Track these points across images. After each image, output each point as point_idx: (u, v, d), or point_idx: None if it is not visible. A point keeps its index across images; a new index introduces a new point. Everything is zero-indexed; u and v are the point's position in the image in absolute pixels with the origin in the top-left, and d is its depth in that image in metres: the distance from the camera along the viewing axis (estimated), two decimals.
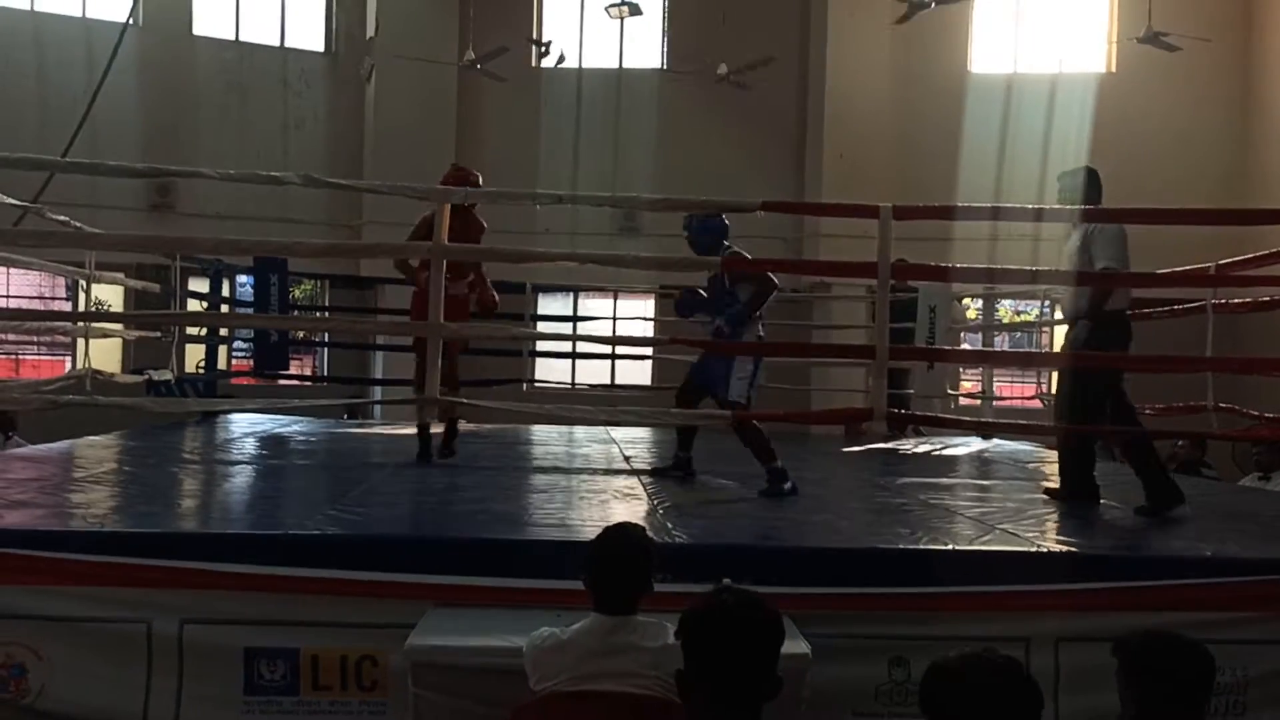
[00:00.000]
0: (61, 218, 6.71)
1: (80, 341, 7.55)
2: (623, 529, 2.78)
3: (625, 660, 2.50)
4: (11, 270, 12.11)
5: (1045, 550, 3.62)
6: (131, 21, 9.59)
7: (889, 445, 8.13)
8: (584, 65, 13.34)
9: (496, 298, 5.93)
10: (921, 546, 3.63)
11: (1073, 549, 3.73)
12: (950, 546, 3.62)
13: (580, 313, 11.93)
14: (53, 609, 3.15)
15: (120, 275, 8.56)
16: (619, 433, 7.89)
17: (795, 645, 2.77)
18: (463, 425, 8.75)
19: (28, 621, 3.14)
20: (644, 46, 13.46)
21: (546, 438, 7.59)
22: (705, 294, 5.32)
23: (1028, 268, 5.89)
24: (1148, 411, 7.66)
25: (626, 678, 2.48)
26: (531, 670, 2.57)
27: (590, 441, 7.52)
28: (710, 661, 1.93)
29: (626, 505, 4.50)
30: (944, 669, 1.85)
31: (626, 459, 6.38)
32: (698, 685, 1.93)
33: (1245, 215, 8.71)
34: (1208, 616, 3.27)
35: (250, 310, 9.24)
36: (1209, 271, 6.26)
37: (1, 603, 3.14)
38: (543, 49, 12.36)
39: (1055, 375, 9.89)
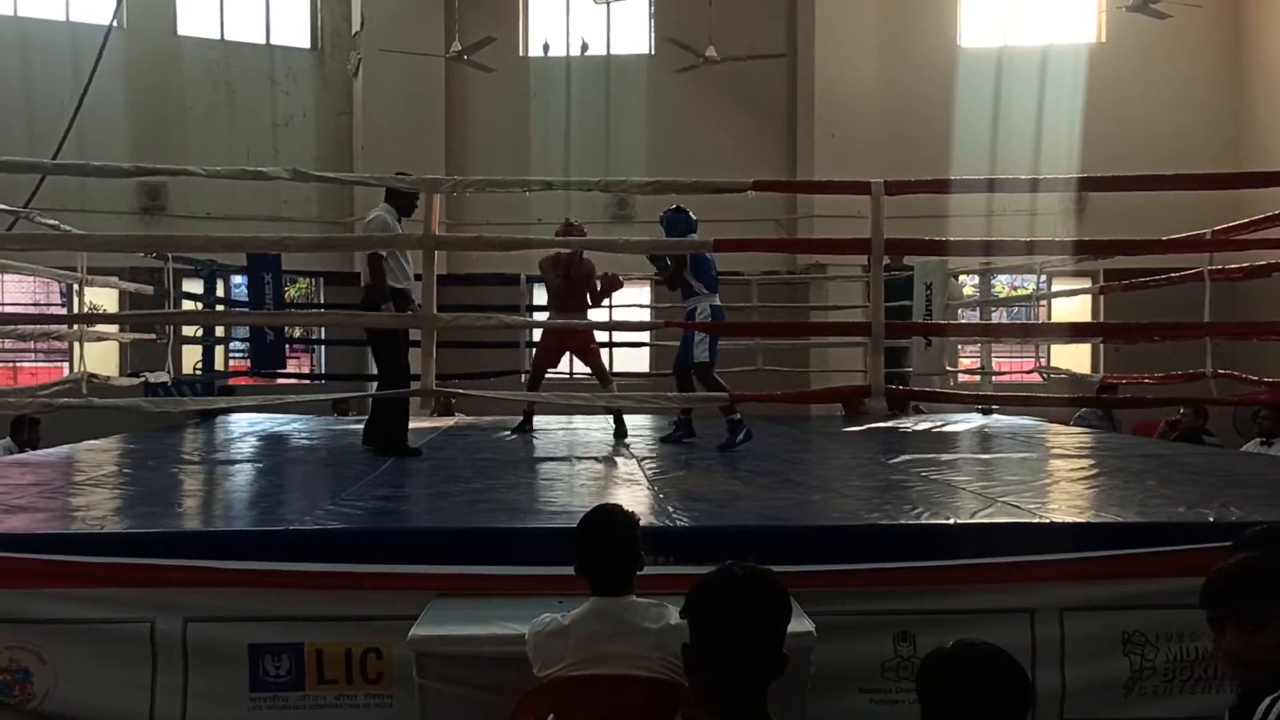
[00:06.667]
0: (52, 222, 6.68)
1: (76, 346, 7.54)
2: (604, 510, 2.79)
3: (628, 643, 2.51)
4: (6, 279, 12.10)
5: (1047, 521, 3.61)
6: (116, 24, 9.52)
7: (889, 424, 8.12)
8: (571, 52, 13.29)
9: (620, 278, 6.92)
10: (924, 521, 3.62)
11: (1075, 519, 3.72)
12: (952, 520, 3.61)
13: None
14: (55, 612, 3.14)
15: (114, 279, 8.53)
16: None
17: (800, 624, 2.76)
18: (461, 417, 8.80)
19: (31, 625, 3.13)
20: (631, 31, 13.41)
21: (546, 426, 7.57)
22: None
23: (1022, 239, 5.87)
24: (1146, 380, 7.69)
25: (631, 660, 2.48)
26: (534, 657, 2.58)
27: (589, 429, 7.52)
28: (716, 636, 1.92)
29: (627, 491, 4.49)
30: (934, 661, 1.87)
31: (626, 445, 6.38)
32: (703, 661, 1.92)
33: (1238, 179, 8.68)
34: None
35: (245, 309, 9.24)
36: (1205, 237, 6.25)
37: (3, 607, 3.13)
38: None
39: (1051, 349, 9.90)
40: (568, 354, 7.17)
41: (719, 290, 6.29)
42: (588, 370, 7.11)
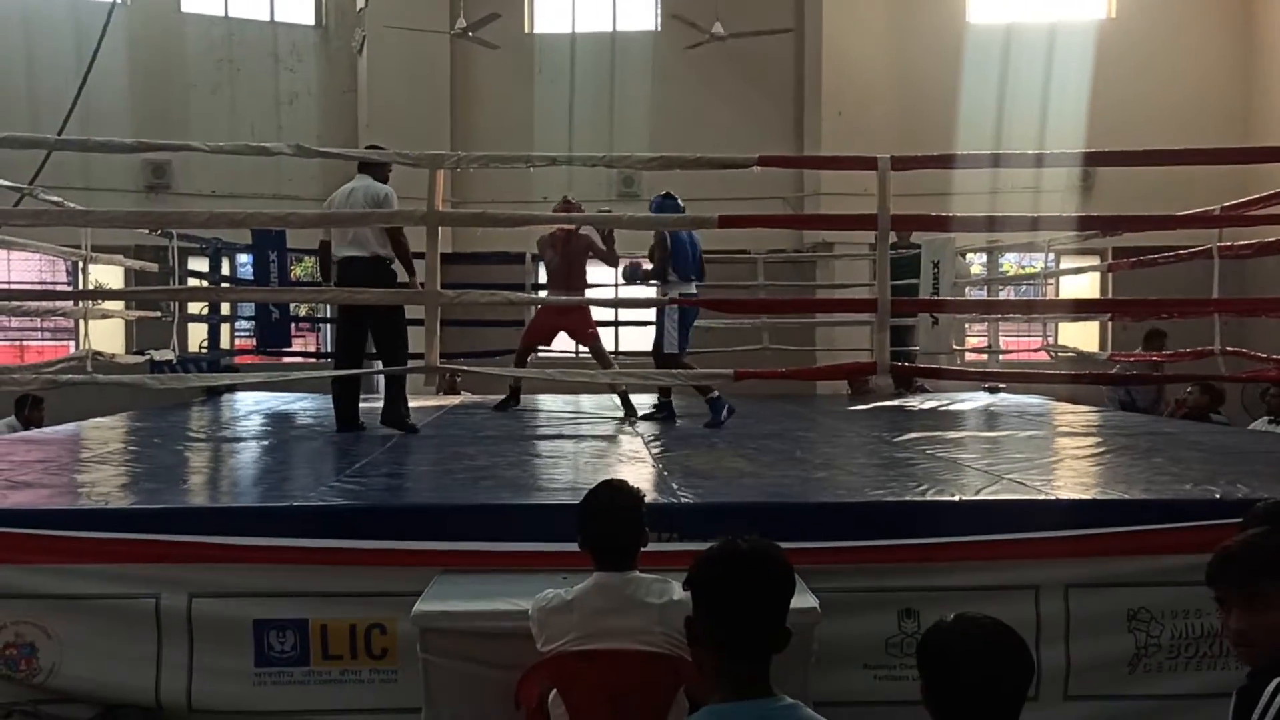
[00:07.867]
0: (55, 199, 6.67)
1: (81, 324, 7.56)
2: (610, 485, 2.78)
3: (631, 618, 2.50)
4: (12, 257, 12.09)
5: (1052, 498, 3.60)
6: (119, 0, 9.48)
7: (895, 402, 8.10)
8: (577, 28, 13.19)
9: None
10: (929, 498, 3.61)
11: (1080, 495, 3.71)
12: (957, 497, 3.60)
13: None
14: (60, 587, 3.15)
15: (119, 256, 8.52)
16: None
17: (804, 600, 2.76)
18: (467, 395, 8.80)
19: (36, 600, 3.14)
20: (637, 8, 13.31)
21: (550, 405, 7.58)
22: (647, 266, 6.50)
23: (1028, 214, 5.83)
24: (1155, 358, 7.65)
25: (634, 635, 2.48)
26: (538, 632, 2.58)
27: (594, 407, 7.52)
28: (721, 607, 1.91)
29: (632, 467, 4.49)
30: (934, 634, 1.85)
31: (632, 424, 6.37)
32: (706, 635, 1.92)
33: (1247, 154, 8.59)
34: None
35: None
36: (1214, 213, 6.20)
37: (9, 582, 3.14)
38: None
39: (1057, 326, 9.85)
40: (565, 336, 7.16)
41: (694, 279, 6.32)
42: (587, 351, 7.10)
